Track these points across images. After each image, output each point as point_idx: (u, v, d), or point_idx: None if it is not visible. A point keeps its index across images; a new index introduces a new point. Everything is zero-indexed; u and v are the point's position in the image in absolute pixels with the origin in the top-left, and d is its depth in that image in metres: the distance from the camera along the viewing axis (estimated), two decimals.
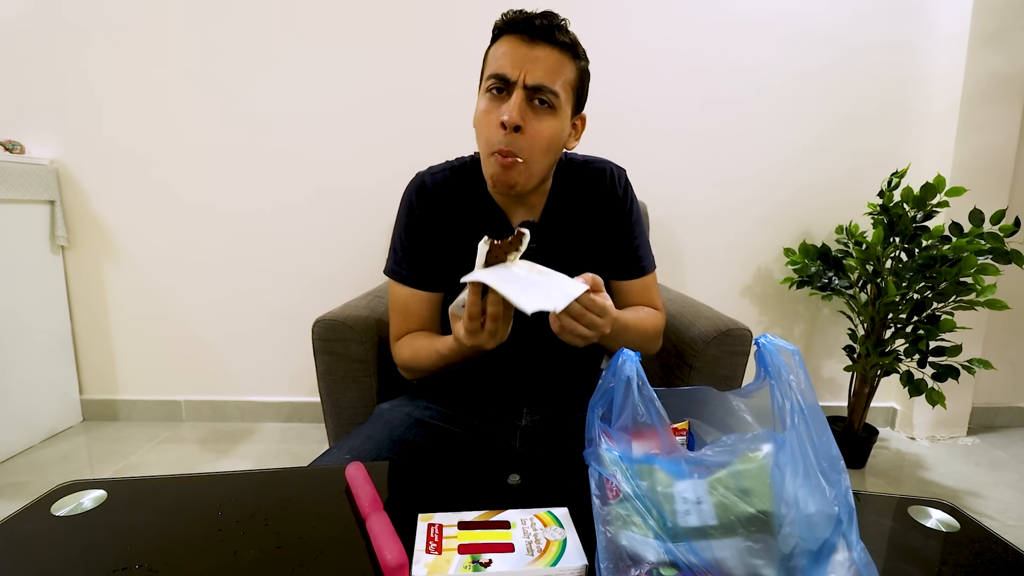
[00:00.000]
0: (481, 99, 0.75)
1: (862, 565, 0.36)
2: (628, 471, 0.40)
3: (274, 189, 1.75)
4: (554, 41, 0.71)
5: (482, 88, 0.75)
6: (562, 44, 0.72)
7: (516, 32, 0.72)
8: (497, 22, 0.74)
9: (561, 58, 0.72)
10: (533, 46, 0.71)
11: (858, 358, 1.65)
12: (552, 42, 0.71)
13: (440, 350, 0.76)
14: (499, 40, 0.74)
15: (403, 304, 0.85)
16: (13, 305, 1.59)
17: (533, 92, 0.71)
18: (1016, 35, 1.65)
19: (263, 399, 1.88)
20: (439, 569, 0.41)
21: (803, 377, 0.39)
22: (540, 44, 0.71)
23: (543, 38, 0.71)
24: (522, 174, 0.74)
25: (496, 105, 0.72)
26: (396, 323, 0.86)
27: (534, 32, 0.71)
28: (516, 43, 0.71)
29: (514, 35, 0.72)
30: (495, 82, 0.72)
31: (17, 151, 1.64)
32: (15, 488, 1.45)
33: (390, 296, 0.87)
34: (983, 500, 1.49)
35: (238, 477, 0.59)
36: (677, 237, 1.82)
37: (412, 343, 0.83)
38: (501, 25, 0.73)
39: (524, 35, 0.71)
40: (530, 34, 0.71)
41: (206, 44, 1.67)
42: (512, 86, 0.71)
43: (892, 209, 1.52)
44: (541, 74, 0.71)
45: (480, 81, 0.78)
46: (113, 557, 0.45)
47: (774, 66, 1.72)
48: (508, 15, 0.73)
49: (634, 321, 0.81)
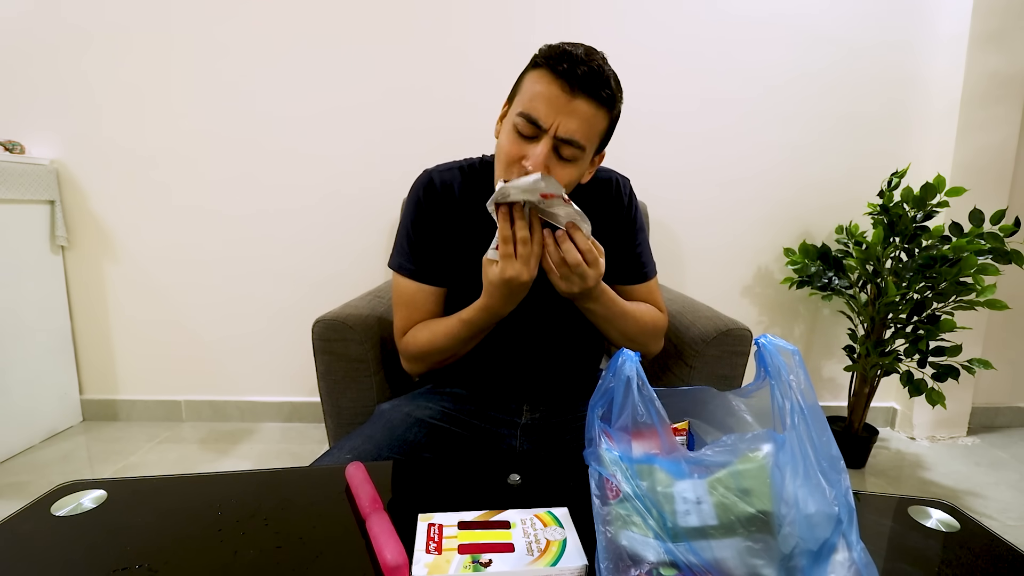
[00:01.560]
0: (507, 127, 0.73)
1: (862, 565, 0.36)
2: (628, 471, 0.40)
3: (274, 190, 1.75)
4: (595, 95, 0.68)
5: (510, 116, 0.73)
6: (601, 98, 0.69)
7: (556, 74, 0.68)
8: (540, 52, 0.71)
9: (597, 112, 0.70)
10: (572, 97, 0.68)
11: (858, 358, 1.65)
12: (592, 95, 0.68)
13: (464, 317, 0.78)
14: (538, 73, 0.70)
15: (409, 298, 0.85)
16: (13, 305, 1.59)
17: (560, 144, 0.69)
18: (1016, 35, 1.65)
19: (263, 399, 1.88)
20: (439, 569, 0.41)
21: (803, 377, 0.39)
22: (580, 96, 0.68)
23: (583, 89, 0.67)
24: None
25: (521, 144, 0.71)
26: (401, 316, 0.86)
27: (576, 82, 0.67)
28: (556, 89, 0.68)
29: (555, 77, 0.68)
30: (525, 123, 0.69)
31: (17, 151, 1.64)
32: (15, 488, 1.45)
33: (394, 290, 0.87)
34: (983, 500, 1.49)
35: (238, 477, 0.59)
36: (677, 237, 1.82)
37: (427, 327, 0.83)
38: (542, 60, 0.70)
39: (565, 82, 0.67)
40: (570, 82, 0.67)
41: (206, 44, 1.67)
42: (541, 133, 0.69)
43: (892, 209, 1.52)
44: (574, 129, 0.69)
45: (512, 97, 0.75)
46: (113, 557, 0.45)
47: (774, 66, 1.72)
48: (553, 50, 0.69)
49: (632, 309, 0.82)
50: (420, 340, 0.83)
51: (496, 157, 0.76)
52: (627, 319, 0.80)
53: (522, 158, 0.70)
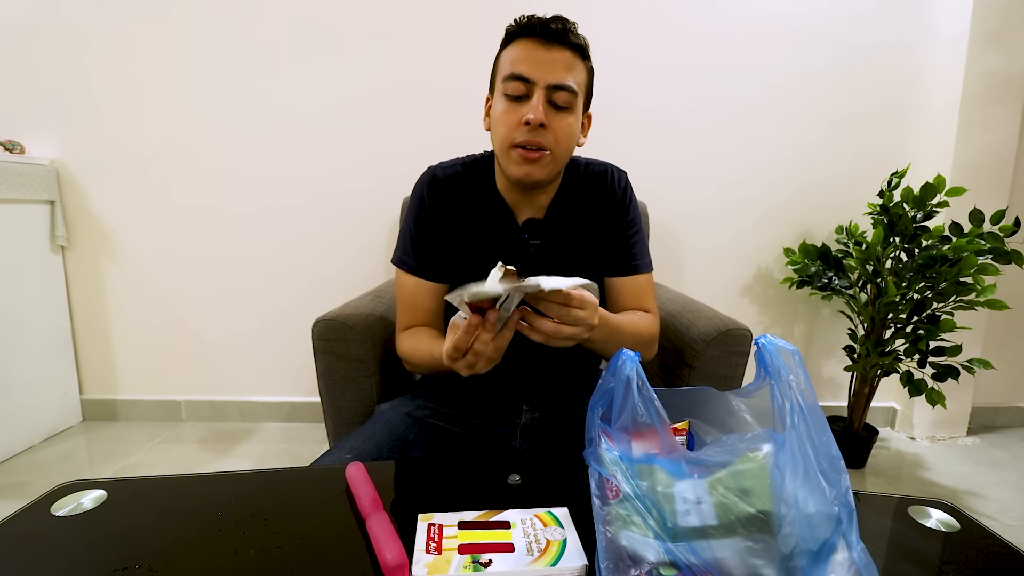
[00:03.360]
0: (498, 100, 0.77)
1: (862, 565, 0.36)
2: (628, 471, 0.40)
3: (274, 189, 1.75)
4: (569, 43, 0.74)
5: (498, 90, 0.77)
6: (575, 46, 0.75)
7: (531, 36, 0.74)
8: (510, 27, 0.76)
9: (575, 59, 0.75)
10: (550, 49, 0.73)
11: (858, 358, 1.65)
12: (567, 44, 0.74)
13: (434, 354, 0.76)
14: (512, 44, 0.76)
15: (410, 294, 0.86)
16: (13, 305, 1.59)
17: (553, 92, 0.73)
18: (1016, 35, 1.65)
19: (263, 399, 1.87)
20: (439, 569, 0.41)
21: (803, 377, 0.39)
22: (556, 47, 0.74)
23: (558, 41, 0.73)
24: (547, 166, 0.77)
25: (516, 106, 0.74)
26: (402, 313, 0.87)
27: (550, 35, 0.73)
28: (533, 46, 0.74)
29: (529, 39, 0.74)
30: (516, 84, 0.74)
31: (17, 151, 1.64)
32: (15, 488, 1.45)
33: (396, 286, 0.88)
34: (983, 500, 1.49)
35: (238, 477, 0.59)
36: (677, 237, 1.81)
37: (414, 338, 0.84)
38: (514, 30, 0.76)
39: (540, 38, 0.73)
40: (546, 37, 0.73)
41: (207, 45, 1.67)
42: (532, 87, 0.73)
43: (892, 209, 1.52)
44: (561, 74, 0.73)
45: (491, 83, 0.80)
46: (113, 557, 0.45)
47: (774, 66, 1.72)
48: (522, 20, 0.75)
49: (627, 323, 0.80)
50: (405, 348, 0.85)
51: (494, 133, 0.79)
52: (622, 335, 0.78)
53: (521, 120, 0.73)
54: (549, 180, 0.80)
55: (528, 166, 0.75)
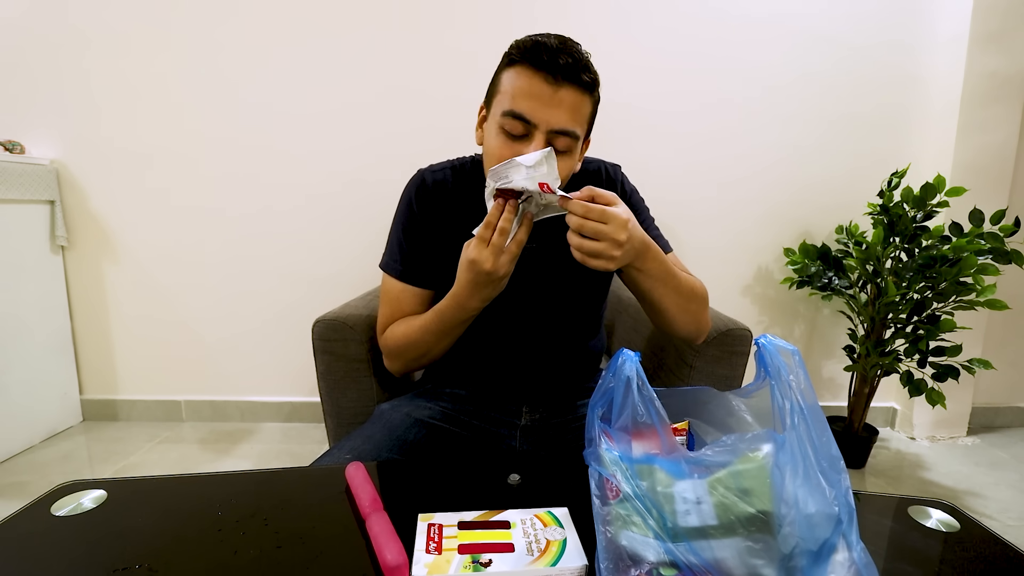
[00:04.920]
0: (494, 130, 0.71)
1: (862, 565, 0.36)
2: (628, 471, 0.40)
3: (274, 189, 1.75)
4: (578, 82, 0.67)
5: (494, 117, 0.71)
6: (585, 84, 0.68)
7: (538, 67, 0.66)
8: (514, 50, 0.69)
9: (582, 98, 0.69)
10: (557, 88, 0.66)
11: (858, 358, 1.65)
12: (576, 83, 0.67)
13: (436, 307, 0.76)
14: (517, 70, 0.68)
15: (394, 297, 0.85)
16: (13, 305, 1.58)
17: (554, 136, 0.68)
18: (1016, 35, 1.65)
19: (263, 399, 1.87)
20: (439, 569, 0.41)
21: (803, 377, 0.39)
22: (564, 85, 0.66)
23: (567, 78, 0.66)
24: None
25: (513, 144, 0.69)
26: (384, 314, 0.87)
27: (558, 72, 0.66)
28: (539, 83, 0.66)
29: (536, 71, 0.66)
30: (514, 123, 0.68)
31: (17, 151, 1.64)
32: (15, 488, 1.45)
33: (382, 289, 0.88)
34: (983, 500, 1.49)
35: (238, 477, 0.59)
36: (677, 237, 1.80)
37: (405, 321, 0.83)
38: (518, 56, 0.68)
39: (547, 74, 0.66)
40: (553, 74, 0.66)
41: (206, 45, 1.67)
42: (532, 129, 0.67)
43: (892, 209, 1.52)
44: (565, 119, 0.67)
45: (488, 97, 0.74)
46: (113, 557, 0.45)
47: (774, 66, 1.72)
48: (528, 45, 0.67)
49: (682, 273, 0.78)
50: (397, 334, 0.83)
51: (485, 156, 0.75)
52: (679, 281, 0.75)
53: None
54: None
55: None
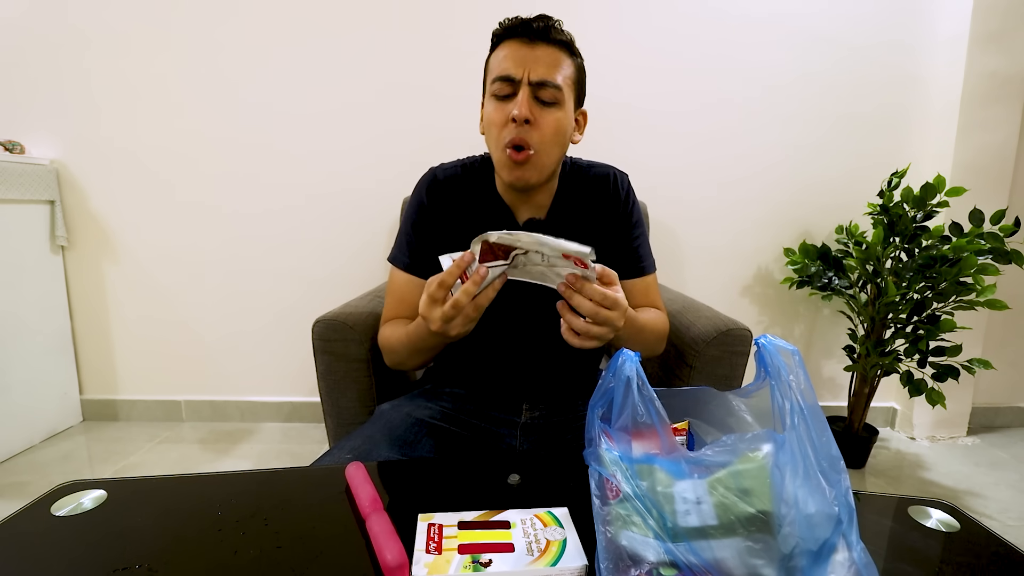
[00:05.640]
0: (488, 103, 0.78)
1: (862, 565, 0.36)
2: (628, 471, 0.40)
3: (274, 189, 1.75)
4: (552, 40, 0.75)
5: (487, 93, 0.79)
6: (559, 42, 0.76)
7: (515, 36, 0.76)
8: (495, 30, 0.78)
9: (560, 55, 0.76)
10: (534, 46, 0.75)
11: (858, 358, 1.65)
12: (550, 41, 0.75)
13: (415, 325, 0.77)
14: (499, 46, 0.78)
15: (398, 289, 0.87)
16: (13, 305, 1.59)
17: (538, 88, 0.74)
18: (1016, 35, 1.65)
19: (263, 399, 1.87)
20: (439, 569, 0.41)
21: (803, 377, 0.39)
22: (539, 44, 0.75)
23: (541, 38, 0.75)
24: (535, 166, 0.77)
25: (503, 105, 0.76)
26: (389, 306, 0.89)
27: (533, 34, 0.75)
28: (517, 46, 0.75)
29: (514, 39, 0.76)
30: (501, 84, 0.75)
31: (17, 151, 1.64)
32: (15, 488, 1.45)
33: (388, 282, 0.90)
34: (983, 500, 1.49)
35: (238, 477, 0.59)
36: (677, 237, 1.81)
37: (393, 326, 0.85)
38: (500, 32, 0.77)
39: (524, 38, 0.75)
40: (529, 36, 0.75)
41: (206, 45, 1.67)
42: (518, 85, 0.74)
43: (892, 209, 1.52)
44: (544, 70, 0.74)
45: (484, 88, 0.81)
46: (113, 557, 0.45)
47: (774, 66, 1.72)
48: (506, 22, 0.77)
49: (647, 322, 0.82)
50: (386, 335, 0.86)
51: (487, 136, 0.80)
52: (645, 333, 0.81)
53: (508, 118, 0.74)
54: (543, 181, 0.80)
55: (518, 170, 0.76)
